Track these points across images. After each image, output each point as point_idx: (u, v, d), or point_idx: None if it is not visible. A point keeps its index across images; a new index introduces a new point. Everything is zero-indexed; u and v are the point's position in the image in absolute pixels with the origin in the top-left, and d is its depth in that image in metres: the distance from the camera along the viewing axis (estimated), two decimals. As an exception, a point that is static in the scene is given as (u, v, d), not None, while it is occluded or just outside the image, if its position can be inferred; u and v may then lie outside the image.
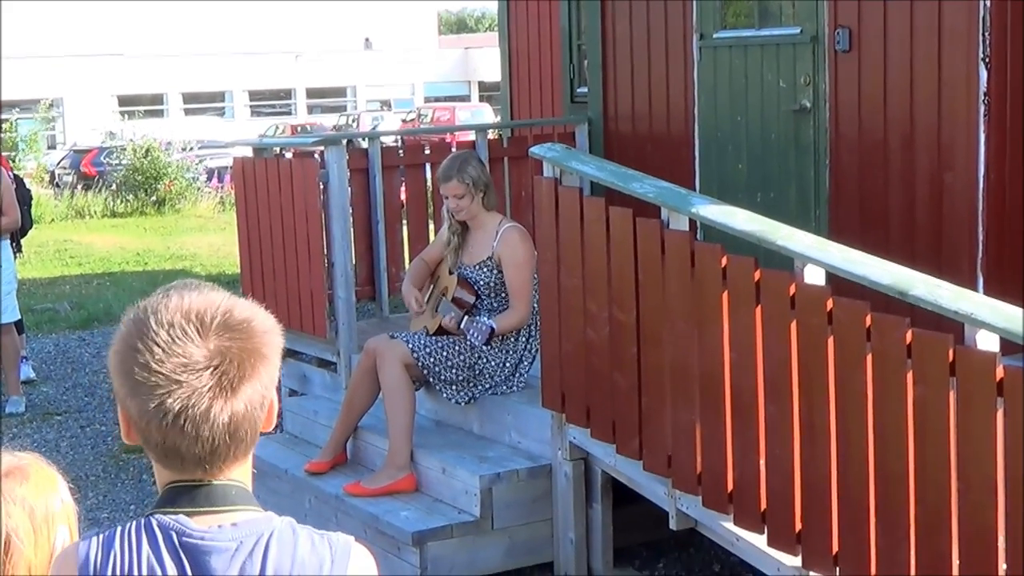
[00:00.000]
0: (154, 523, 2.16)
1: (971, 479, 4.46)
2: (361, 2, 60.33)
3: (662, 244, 5.72)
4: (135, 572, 2.13)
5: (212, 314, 2.14)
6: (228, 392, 2.11)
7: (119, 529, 2.18)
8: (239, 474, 2.20)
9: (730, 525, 5.59)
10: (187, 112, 54.11)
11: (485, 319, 7.08)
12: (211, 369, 2.10)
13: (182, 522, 2.14)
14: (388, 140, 10.74)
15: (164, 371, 2.09)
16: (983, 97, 6.97)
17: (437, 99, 55.98)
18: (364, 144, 9.26)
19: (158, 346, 2.10)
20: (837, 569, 5.04)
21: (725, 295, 5.40)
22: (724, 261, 5.39)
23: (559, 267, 6.42)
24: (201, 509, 2.15)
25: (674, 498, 5.91)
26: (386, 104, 57.64)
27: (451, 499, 6.91)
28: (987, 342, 4.46)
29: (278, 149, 9.74)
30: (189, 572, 2.13)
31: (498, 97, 11.79)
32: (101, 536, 2.18)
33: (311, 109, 58.91)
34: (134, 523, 2.18)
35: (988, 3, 6.91)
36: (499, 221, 7.42)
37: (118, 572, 2.13)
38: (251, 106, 58.35)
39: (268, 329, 2.19)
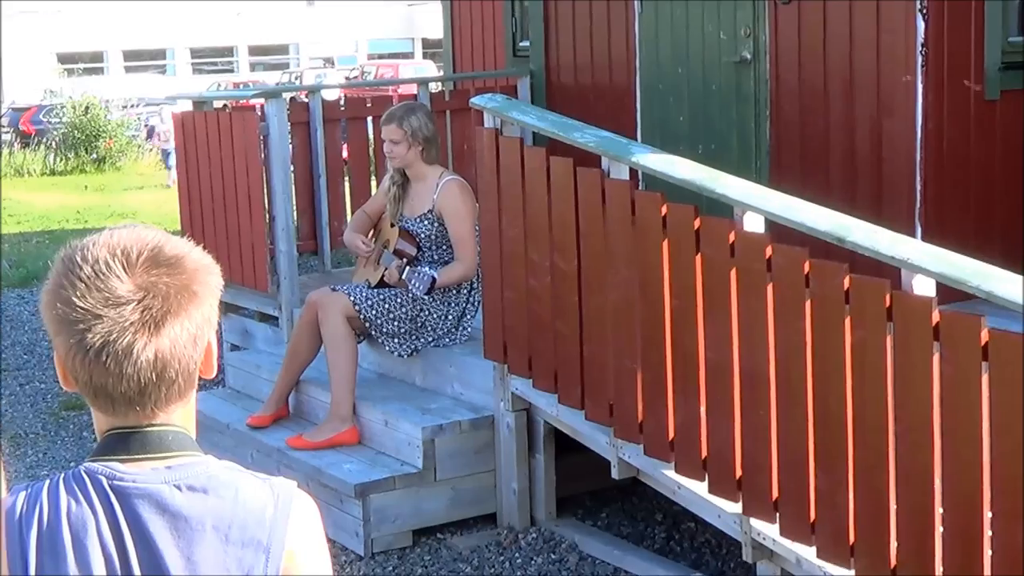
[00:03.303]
0: (83, 471, 2.10)
1: (908, 422, 4.50)
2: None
3: (603, 193, 5.72)
4: (63, 521, 2.07)
5: (139, 249, 2.08)
6: (151, 327, 2.05)
7: (48, 481, 2.12)
8: (179, 419, 2.14)
9: (672, 473, 5.62)
10: (128, 70, 53.63)
11: (427, 269, 7.07)
12: (134, 303, 2.04)
13: (112, 467, 2.09)
14: (332, 96, 10.69)
15: (85, 306, 2.04)
16: (920, 47, 7.00)
17: (381, 56, 55.68)
18: (305, 97, 9.21)
19: (81, 281, 2.05)
20: (777, 514, 5.08)
21: (666, 243, 5.41)
22: (664, 209, 5.40)
23: (500, 217, 6.41)
24: (134, 456, 2.10)
25: (616, 447, 5.93)
26: (329, 61, 57.30)
27: (394, 451, 6.91)
28: (924, 287, 4.49)
29: (221, 103, 9.66)
30: (121, 516, 2.07)
31: (442, 54, 11.73)
32: (29, 489, 2.12)
33: (253, 66, 58.49)
34: (63, 473, 2.14)
35: (926, -47, 6.93)
36: (440, 174, 7.39)
37: (45, 522, 2.07)
38: (193, 63, 57.87)
39: (200, 267, 2.12)
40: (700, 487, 5.46)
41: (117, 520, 2.07)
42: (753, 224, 5.10)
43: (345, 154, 9.23)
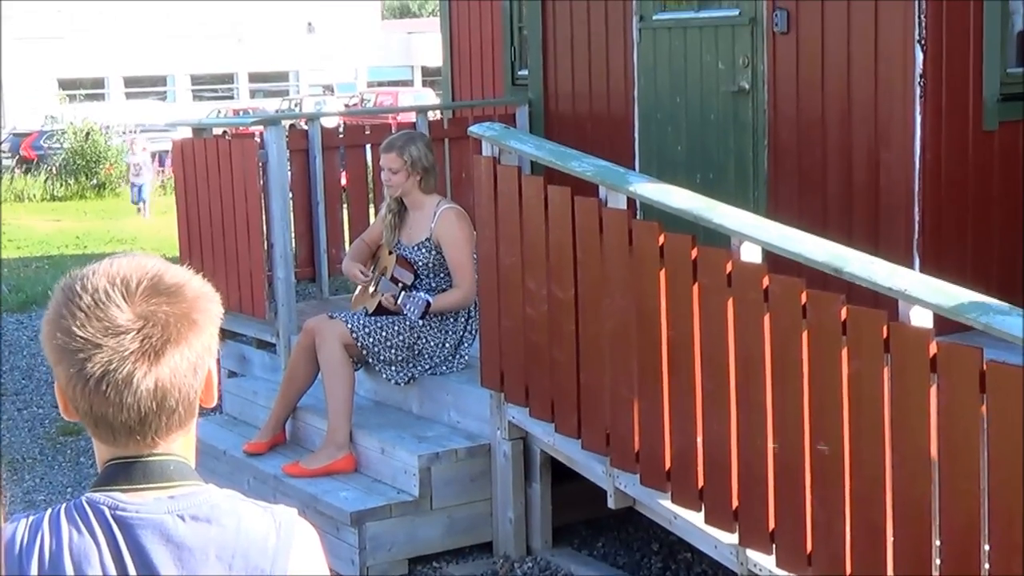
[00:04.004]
0: (84, 502, 2.09)
1: (905, 453, 4.49)
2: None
3: (600, 222, 5.73)
4: (65, 552, 2.05)
5: (139, 278, 2.08)
6: (151, 357, 2.04)
7: (49, 511, 2.11)
8: (180, 448, 2.13)
9: (668, 503, 5.61)
10: (128, 96, 53.71)
11: (422, 293, 7.07)
12: (133, 333, 2.04)
13: (115, 497, 2.08)
14: (332, 123, 10.69)
15: (85, 335, 2.03)
16: (919, 78, 7.01)
17: (380, 84, 55.80)
18: (304, 125, 9.21)
19: (81, 310, 2.05)
20: (774, 545, 5.07)
21: (663, 272, 5.41)
22: (662, 239, 5.40)
23: (498, 245, 6.42)
24: (137, 486, 2.09)
25: (612, 476, 5.92)
26: (329, 89, 57.44)
27: (390, 479, 6.90)
28: (921, 318, 4.49)
29: (221, 130, 9.67)
30: (123, 547, 2.05)
31: (441, 82, 11.75)
32: (31, 518, 2.10)
33: (253, 93, 58.60)
34: (65, 504, 2.13)
35: (924, -15, 6.95)
36: (437, 202, 7.40)
37: (47, 554, 2.05)
38: (193, 90, 57.98)
39: (201, 295, 2.12)
40: (696, 517, 5.45)
41: (120, 551, 2.06)
42: (750, 254, 5.11)
43: (344, 182, 9.24)
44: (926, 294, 4.46)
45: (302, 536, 2.13)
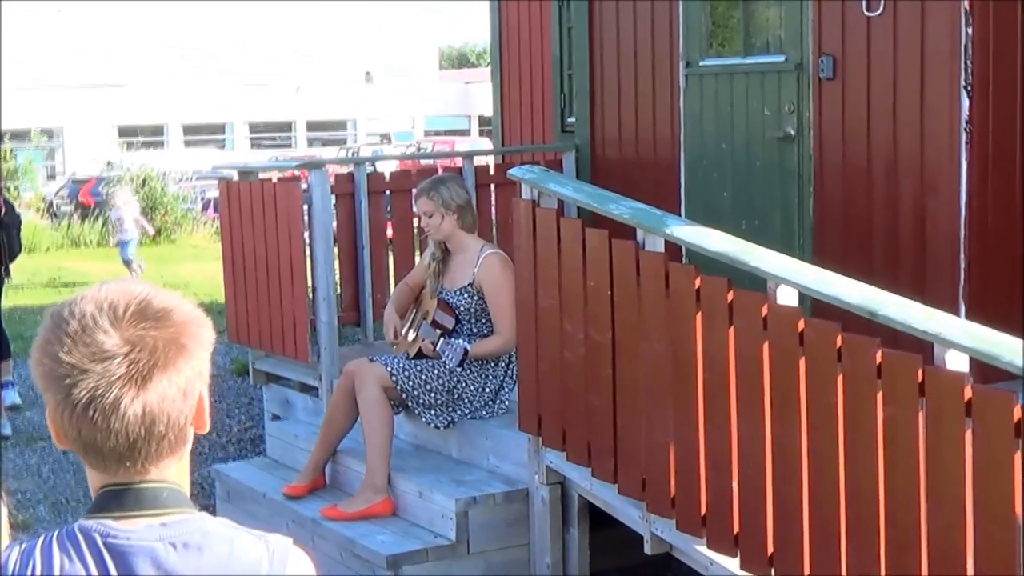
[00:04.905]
0: (76, 529, 2.08)
1: (940, 499, 4.43)
2: (362, 35, 60.54)
3: (637, 265, 5.70)
4: None
5: (127, 303, 2.07)
6: (138, 381, 2.03)
7: (41, 538, 2.11)
8: (173, 475, 2.12)
9: (704, 549, 5.55)
10: (187, 144, 54.13)
11: (460, 341, 7.06)
12: (120, 358, 2.03)
13: (106, 524, 2.07)
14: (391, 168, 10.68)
15: (71, 360, 2.03)
16: (965, 124, 6.95)
17: (437, 133, 56.02)
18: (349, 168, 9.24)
19: (68, 336, 2.04)
20: (808, 592, 5.00)
21: (699, 316, 5.38)
22: (698, 282, 5.37)
23: (536, 288, 6.40)
24: (128, 513, 2.08)
25: (648, 522, 5.87)
26: (386, 137, 57.70)
27: (427, 523, 6.87)
28: (956, 362, 4.43)
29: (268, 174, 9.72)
30: (114, 574, 2.05)
31: (492, 129, 11.78)
32: (23, 545, 2.11)
33: (311, 142, 58.93)
34: (57, 531, 2.12)
35: (970, 31, 6.90)
36: (481, 247, 7.40)
37: None
38: (251, 138, 58.39)
39: (190, 320, 2.10)
40: (732, 563, 5.39)
41: None
42: (786, 297, 5.06)
43: (390, 233, 9.23)
44: (961, 338, 4.40)
45: (296, 564, 2.12)
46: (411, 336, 7.43)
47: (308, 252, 8.48)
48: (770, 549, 5.15)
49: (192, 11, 55.50)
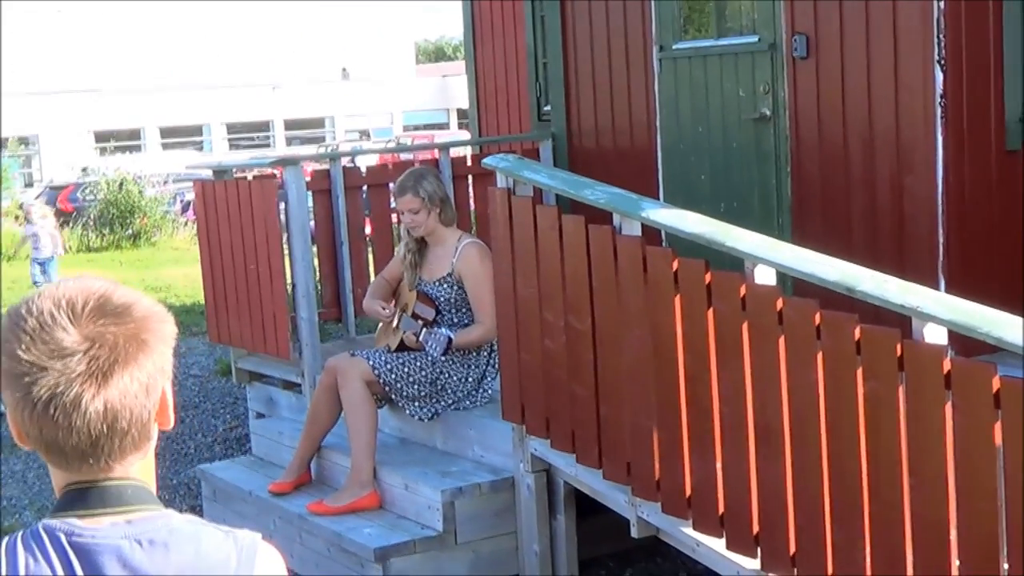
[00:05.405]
0: (41, 528, 2.06)
1: (922, 473, 4.42)
2: (338, 32, 60.45)
3: (614, 250, 5.69)
4: None
5: (85, 299, 2.04)
6: (99, 378, 2.00)
7: (7, 539, 2.08)
8: (137, 472, 2.09)
9: (690, 530, 5.54)
10: (165, 146, 54.01)
11: (443, 330, 7.04)
12: (80, 354, 2.00)
13: (71, 523, 2.04)
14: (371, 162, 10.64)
15: (30, 358, 2.00)
16: (939, 99, 6.95)
17: (416, 127, 55.97)
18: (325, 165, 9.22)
19: (26, 333, 2.01)
20: (795, 570, 5.00)
21: (678, 298, 5.37)
22: (676, 264, 5.36)
23: (515, 277, 6.38)
24: (93, 511, 2.05)
25: (635, 506, 5.86)
26: (365, 134, 57.62)
27: (415, 515, 6.86)
28: (935, 335, 4.43)
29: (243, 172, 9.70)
30: (79, 573, 2.02)
31: (469, 121, 11.76)
32: None
33: (289, 141, 58.86)
34: (22, 531, 2.09)
35: (942, 5, 6.89)
36: (459, 237, 7.39)
37: None
38: (229, 139, 58.29)
39: (150, 315, 2.08)
40: (718, 544, 5.38)
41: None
42: (764, 277, 5.05)
43: (369, 231, 9.20)
44: (939, 311, 4.40)
45: (265, 559, 2.10)
46: (394, 323, 7.40)
47: (287, 249, 8.46)
48: (755, 528, 5.15)
49: (165, 12, 55.37)
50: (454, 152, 9.69)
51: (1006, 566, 4.20)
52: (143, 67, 55.46)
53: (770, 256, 5.06)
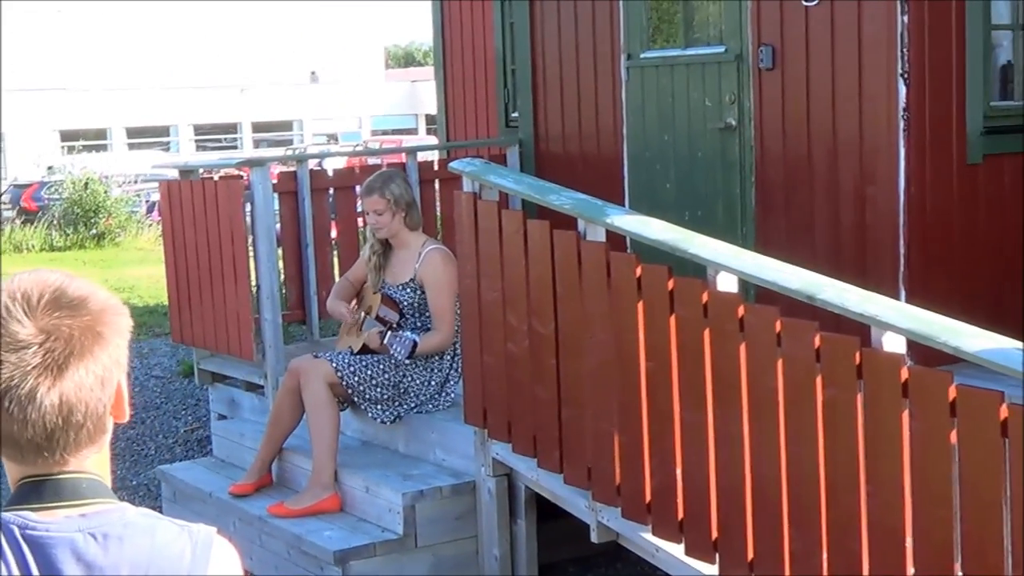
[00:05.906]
0: None
1: (879, 480, 4.47)
2: (307, 36, 60.36)
3: (579, 255, 5.72)
4: None
5: (40, 292, 2.04)
6: (54, 371, 2.00)
7: None
8: (92, 465, 2.09)
9: (649, 536, 5.57)
10: (131, 146, 53.77)
11: (408, 333, 7.06)
12: (35, 347, 2.00)
13: (25, 517, 2.04)
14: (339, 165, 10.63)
15: None
16: (902, 111, 7.02)
17: (384, 132, 55.92)
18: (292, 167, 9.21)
19: None
20: (753, 575, 5.03)
21: (640, 304, 5.40)
22: (639, 271, 5.39)
23: (479, 281, 6.41)
24: (47, 504, 2.05)
25: (595, 511, 5.88)
26: (333, 138, 57.58)
27: (375, 518, 6.87)
28: (894, 344, 4.47)
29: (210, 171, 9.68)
30: (34, 567, 2.01)
31: (437, 126, 11.79)
32: None
33: (257, 143, 58.71)
34: None
35: (906, 19, 6.96)
36: (423, 242, 7.41)
37: None
38: (196, 140, 58.12)
39: (106, 308, 2.07)
40: (677, 549, 5.42)
41: (29, 571, 2.02)
42: (726, 284, 5.09)
43: (334, 234, 9.20)
44: (898, 320, 4.45)
45: (220, 553, 2.10)
46: (355, 331, 7.42)
47: (252, 250, 8.45)
48: (714, 534, 5.18)
49: (134, 12, 55.19)
50: (422, 156, 9.71)
51: (960, 574, 4.24)
52: (111, 66, 55.24)
53: (732, 264, 5.10)
